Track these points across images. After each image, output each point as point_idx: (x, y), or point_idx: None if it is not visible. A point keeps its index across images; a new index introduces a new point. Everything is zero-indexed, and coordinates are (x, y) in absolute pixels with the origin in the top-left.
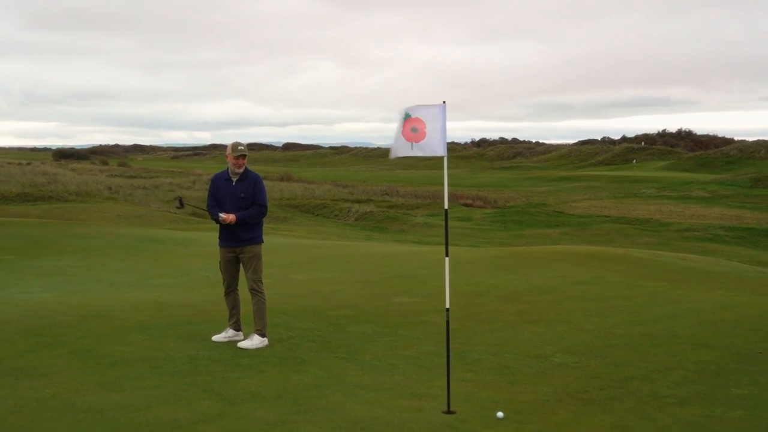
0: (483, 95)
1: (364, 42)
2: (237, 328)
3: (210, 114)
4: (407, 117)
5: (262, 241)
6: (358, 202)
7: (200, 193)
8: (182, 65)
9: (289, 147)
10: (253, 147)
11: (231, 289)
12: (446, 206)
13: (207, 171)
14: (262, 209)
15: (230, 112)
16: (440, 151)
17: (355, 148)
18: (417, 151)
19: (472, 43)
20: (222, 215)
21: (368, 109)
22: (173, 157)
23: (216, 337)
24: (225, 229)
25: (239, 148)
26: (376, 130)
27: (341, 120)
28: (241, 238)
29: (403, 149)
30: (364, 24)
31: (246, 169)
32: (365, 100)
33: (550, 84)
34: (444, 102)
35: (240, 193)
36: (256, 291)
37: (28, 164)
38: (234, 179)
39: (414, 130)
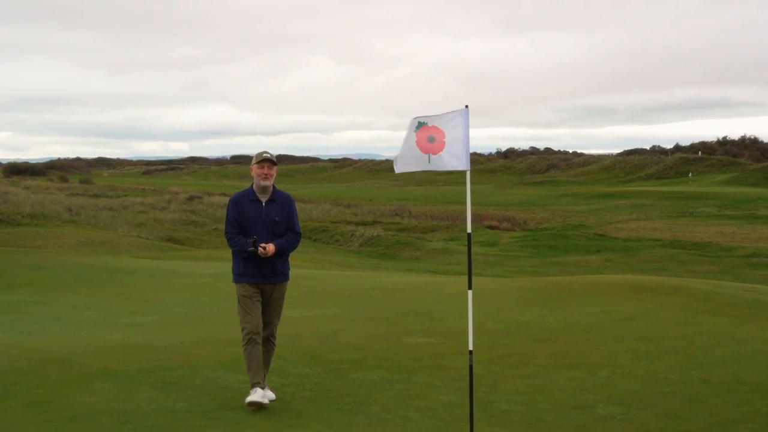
0: (510, 97)
1: (367, 35)
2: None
3: (188, 121)
4: (421, 125)
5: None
6: (363, 224)
7: (176, 215)
8: (154, 64)
9: (280, 160)
10: (238, 159)
11: (258, 338)
12: (469, 229)
13: (185, 188)
14: (298, 238)
15: (211, 118)
16: (462, 164)
17: (359, 160)
18: (435, 165)
19: (496, 35)
20: (263, 246)
21: (374, 115)
22: (145, 173)
23: (252, 398)
24: (254, 260)
25: (264, 154)
26: (383, 139)
27: (342, 127)
28: (276, 272)
29: (417, 162)
30: (367, 13)
31: (275, 188)
32: (370, 103)
33: (589, 84)
34: (466, 106)
35: (274, 217)
36: (274, 339)
37: None
38: (263, 199)
39: (431, 139)
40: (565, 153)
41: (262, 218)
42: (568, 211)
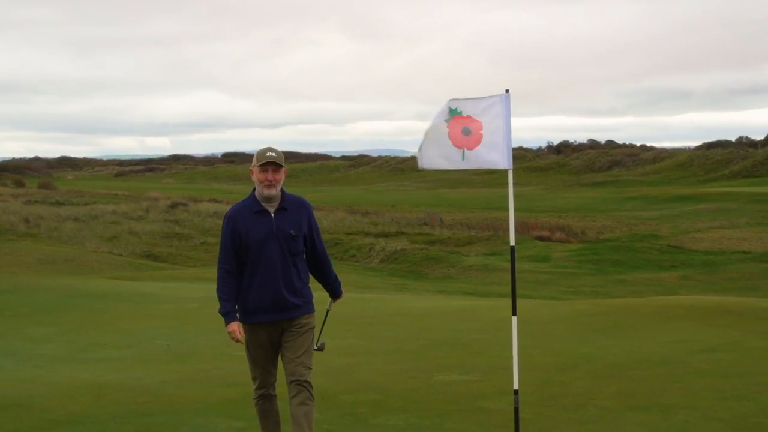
0: (561, 79)
1: (385, 4)
2: None
3: (169, 112)
4: (454, 114)
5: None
6: (385, 236)
7: (156, 226)
8: (127, 42)
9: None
10: (231, 158)
11: (269, 391)
12: (512, 241)
13: (166, 193)
14: (330, 261)
15: (198, 108)
16: (503, 161)
17: (379, 157)
18: (470, 162)
19: (543, 2)
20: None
21: (395, 102)
22: (118, 175)
23: None
24: (261, 290)
25: (268, 154)
26: (407, 131)
27: (356, 117)
28: (290, 304)
29: (449, 158)
30: None
31: (284, 192)
32: (391, 88)
33: (659, 61)
34: (507, 91)
35: (289, 231)
36: (306, 385)
37: None
38: (272, 208)
39: (466, 131)
40: (631, 146)
41: (273, 234)
42: (636, 217)
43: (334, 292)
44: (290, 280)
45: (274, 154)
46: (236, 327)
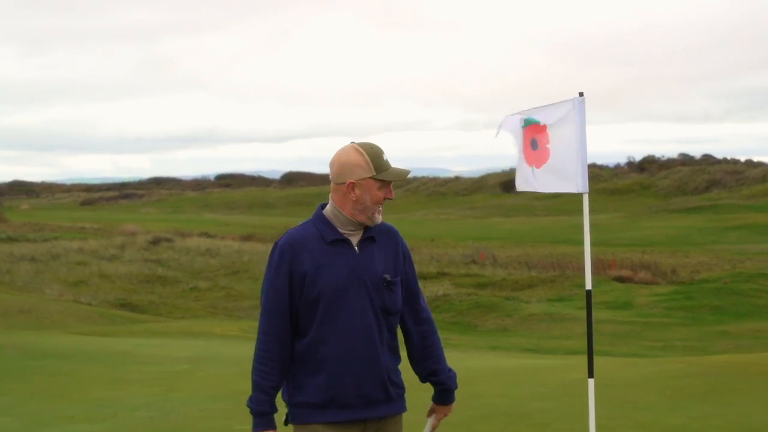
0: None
1: None
2: None
3: (146, 124)
4: (528, 123)
5: None
6: (423, 278)
7: (134, 268)
8: (92, 36)
9: (291, 180)
10: (226, 180)
11: None
12: (588, 284)
13: (146, 226)
14: (435, 327)
15: (183, 119)
16: (576, 183)
17: (414, 179)
18: (539, 184)
19: None
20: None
21: (432, 108)
22: (85, 203)
23: None
24: (336, 371)
25: (394, 166)
26: (448, 144)
27: (383, 128)
28: (381, 395)
29: (526, 178)
30: None
31: None
32: (426, 91)
33: (766, 54)
34: (581, 94)
35: (381, 272)
36: None
37: None
38: (353, 237)
39: (534, 144)
40: (734, 162)
41: (357, 278)
42: (741, 252)
43: (446, 388)
44: (384, 355)
45: (387, 162)
46: None
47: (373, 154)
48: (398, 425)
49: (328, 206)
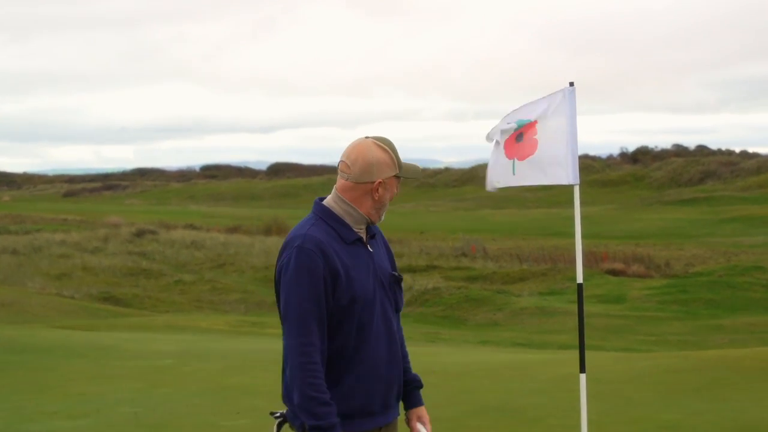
0: (635, 66)
1: None
2: None
3: (131, 114)
4: (521, 125)
5: None
6: (413, 271)
7: (117, 260)
8: (75, 24)
9: (278, 171)
10: (212, 171)
11: None
12: (580, 277)
13: (130, 218)
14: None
15: (168, 109)
16: (567, 174)
17: None
18: (522, 177)
19: None
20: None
21: (422, 97)
22: (67, 194)
23: None
24: (367, 379)
25: (408, 163)
26: (437, 134)
27: (372, 118)
28: (396, 397)
29: (501, 172)
30: None
31: None
32: (415, 80)
33: (762, 41)
34: (572, 84)
35: (390, 270)
36: None
37: None
38: (364, 234)
39: (519, 137)
40: (729, 153)
41: (375, 278)
42: (736, 245)
43: (418, 386)
44: (399, 356)
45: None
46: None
47: (395, 151)
48: (397, 428)
49: (332, 202)
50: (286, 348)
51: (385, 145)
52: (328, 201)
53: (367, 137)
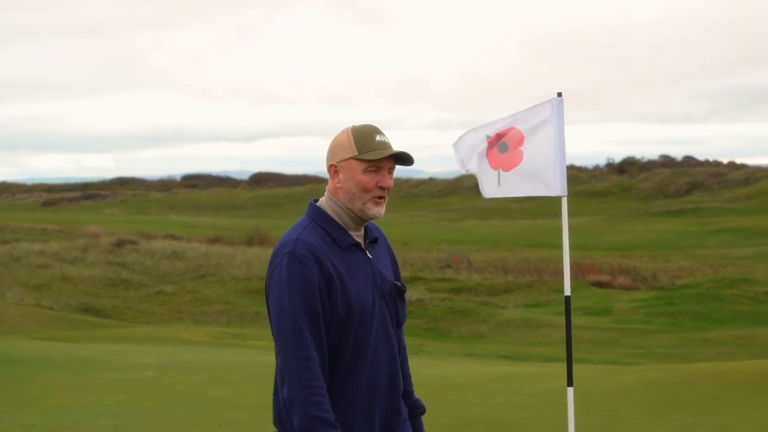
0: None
1: None
2: None
3: (110, 122)
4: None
5: None
6: None
7: (97, 271)
8: (52, 31)
9: (260, 180)
10: (193, 181)
11: None
12: (567, 289)
13: (109, 228)
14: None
15: (148, 117)
16: (554, 186)
17: None
18: (507, 188)
19: None
20: None
21: (406, 107)
22: (46, 203)
23: None
24: (365, 397)
25: (379, 138)
26: (422, 144)
27: None
28: (400, 417)
29: (485, 185)
30: None
31: None
32: (399, 89)
33: (751, 51)
34: (560, 95)
35: (391, 278)
36: None
37: None
38: (361, 240)
39: (503, 147)
40: (717, 164)
41: (375, 288)
42: (724, 257)
43: (422, 411)
44: (399, 374)
45: (387, 139)
46: None
47: (360, 132)
48: None
49: (324, 202)
50: (283, 366)
51: (352, 127)
52: (321, 201)
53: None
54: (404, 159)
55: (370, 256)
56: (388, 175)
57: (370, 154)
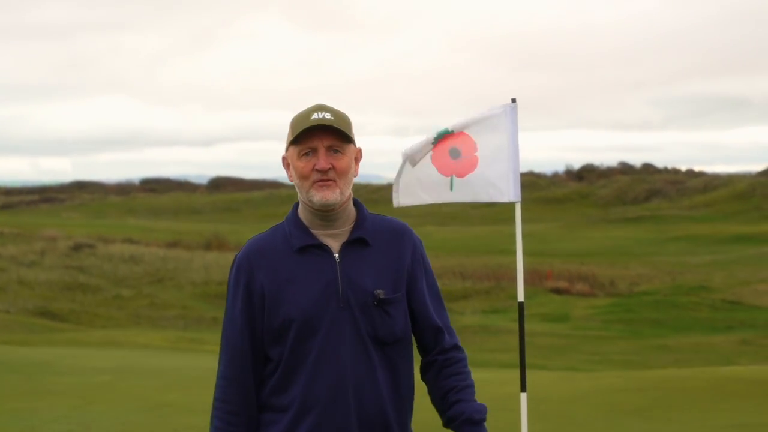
0: (579, 83)
1: None
2: None
3: (67, 125)
4: (444, 134)
5: None
6: None
7: (54, 275)
8: (8, 35)
9: (219, 185)
10: (151, 185)
11: None
12: (521, 296)
13: (67, 231)
14: (463, 356)
15: (106, 120)
16: (508, 192)
17: None
18: (461, 194)
19: None
20: None
21: (363, 112)
22: (3, 207)
23: None
24: (311, 423)
25: (314, 115)
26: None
27: None
28: None
29: (433, 189)
30: None
31: (361, 208)
32: (356, 94)
33: (708, 59)
34: (513, 100)
35: (369, 286)
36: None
37: None
38: (332, 241)
39: (454, 153)
40: (675, 171)
41: (336, 296)
42: (681, 264)
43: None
44: (376, 402)
45: (328, 115)
46: None
47: (297, 115)
48: None
49: (298, 205)
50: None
51: (296, 115)
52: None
53: None
54: (333, 127)
55: (339, 259)
56: (324, 155)
57: (296, 132)
